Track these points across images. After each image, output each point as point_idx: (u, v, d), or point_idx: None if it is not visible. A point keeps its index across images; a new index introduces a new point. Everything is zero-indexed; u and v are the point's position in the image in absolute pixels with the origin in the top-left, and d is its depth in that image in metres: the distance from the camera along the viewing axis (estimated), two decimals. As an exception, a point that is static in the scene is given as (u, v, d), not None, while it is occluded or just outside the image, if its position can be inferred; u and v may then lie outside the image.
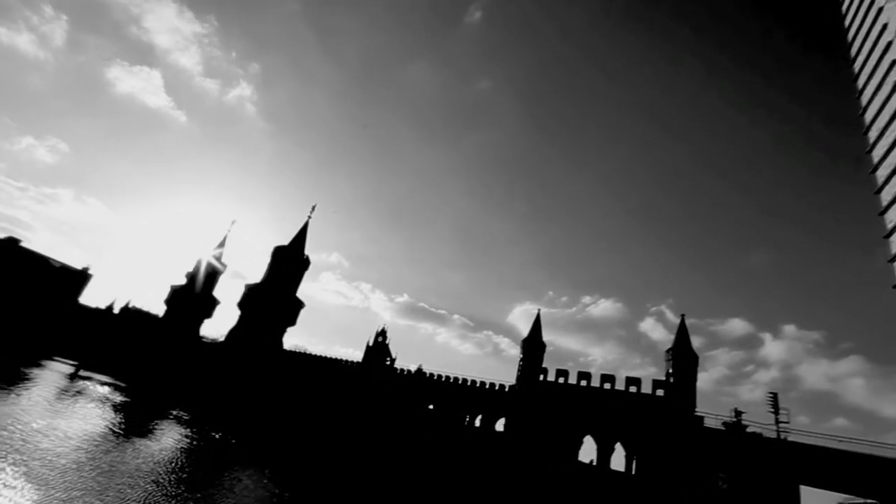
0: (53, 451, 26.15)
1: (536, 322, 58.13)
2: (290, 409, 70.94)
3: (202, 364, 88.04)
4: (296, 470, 40.15)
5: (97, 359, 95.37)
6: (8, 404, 34.94)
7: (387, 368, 67.55)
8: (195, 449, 38.11)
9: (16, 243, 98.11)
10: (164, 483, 25.71)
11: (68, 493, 20.20)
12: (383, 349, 70.31)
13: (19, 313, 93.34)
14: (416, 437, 56.40)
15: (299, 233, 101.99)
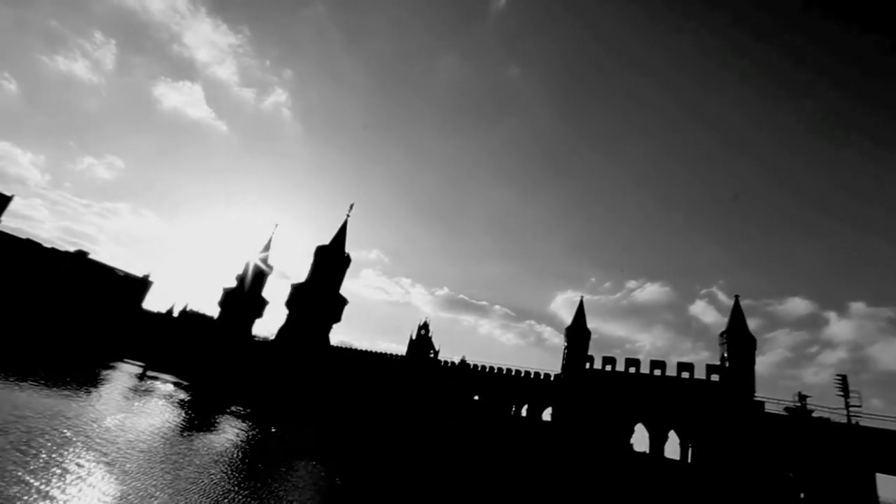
0: (129, 444, 28.24)
1: (580, 309, 56.96)
2: (339, 402, 73.16)
3: (255, 361, 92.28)
4: (347, 460, 41.45)
5: (161, 359, 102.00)
6: (87, 403, 37.96)
7: (430, 361, 68.29)
8: (253, 441, 40.07)
9: (84, 256, 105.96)
10: (227, 473, 27.24)
11: (145, 482, 21.78)
12: (426, 342, 71.06)
13: (90, 320, 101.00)
14: (463, 427, 56.82)
15: (339, 232, 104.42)
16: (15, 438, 23.49)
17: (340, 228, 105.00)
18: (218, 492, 23.32)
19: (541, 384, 55.28)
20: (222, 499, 22.28)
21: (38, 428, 26.57)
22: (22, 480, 18.41)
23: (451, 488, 38.63)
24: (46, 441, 24.49)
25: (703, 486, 38.21)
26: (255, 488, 25.70)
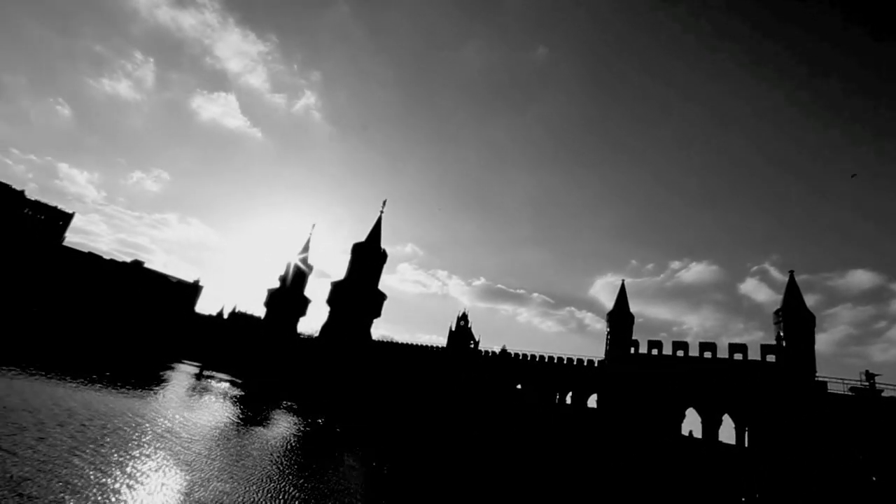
0: (192, 438, 29.98)
1: (621, 293, 55.48)
2: (382, 394, 74.74)
3: (301, 358, 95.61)
4: (393, 450, 42.35)
5: (215, 359, 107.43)
6: (150, 402, 40.53)
7: (471, 351, 68.49)
8: (303, 434, 41.62)
9: (140, 265, 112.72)
10: (280, 464, 28.50)
11: (206, 474, 23.10)
12: (466, 333, 71.31)
13: (148, 324, 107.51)
14: (506, 416, 56.81)
15: (374, 228, 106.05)
16: (91, 435, 25.39)
17: (375, 225, 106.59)
18: (273, 480, 24.44)
19: (584, 371, 54.37)
20: (277, 487, 23.33)
21: (111, 425, 28.60)
22: (97, 472, 19.89)
23: (497, 476, 38.76)
24: (118, 437, 26.34)
25: (763, 471, 36.57)
26: (307, 477, 26.76)
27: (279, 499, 21.63)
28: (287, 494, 22.57)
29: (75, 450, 22.25)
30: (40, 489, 16.77)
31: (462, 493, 30.94)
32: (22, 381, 36.00)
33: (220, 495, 20.45)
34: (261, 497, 21.35)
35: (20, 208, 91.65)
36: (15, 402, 28.86)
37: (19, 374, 38.33)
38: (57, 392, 34.82)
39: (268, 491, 22.47)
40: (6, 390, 31.52)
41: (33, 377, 38.65)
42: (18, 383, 34.73)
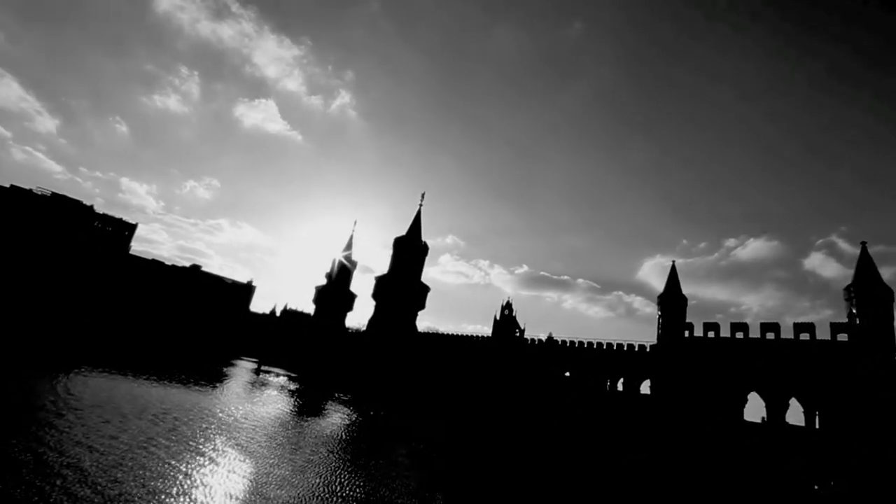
0: (254, 429, 31.68)
1: (672, 275, 53.19)
2: (429, 385, 75.79)
3: (351, 351, 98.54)
4: (441, 438, 42.93)
5: (270, 355, 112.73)
6: (215, 396, 43.10)
7: (517, 340, 68.08)
8: (355, 424, 42.97)
9: (198, 269, 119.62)
10: (336, 451, 29.61)
11: (268, 461, 24.36)
12: (511, 321, 70.91)
13: (207, 324, 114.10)
14: (555, 404, 56.16)
15: (414, 221, 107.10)
16: (164, 427, 27.37)
17: (415, 218, 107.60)
18: (330, 467, 25.43)
19: (636, 356, 52.72)
20: (333, 473, 24.27)
21: (182, 417, 30.69)
22: (170, 460, 21.42)
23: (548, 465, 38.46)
24: (188, 428, 28.23)
25: (837, 457, 34.20)
26: (360, 465, 27.64)
27: (334, 484, 22.46)
28: (342, 480, 23.41)
29: (151, 440, 24.05)
30: (126, 474, 18.27)
31: (512, 480, 30.94)
32: (102, 379, 39.22)
33: (281, 481, 21.51)
34: (318, 482, 22.26)
35: (91, 222, 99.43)
36: (98, 398, 31.51)
37: (99, 374, 41.78)
38: (132, 389, 37.70)
39: (323, 477, 23.40)
40: (89, 388, 34.45)
41: (111, 376, 42.01)
42: (99, 381, 37.87)
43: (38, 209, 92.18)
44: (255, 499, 18.68)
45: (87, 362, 46.84)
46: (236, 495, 18.78)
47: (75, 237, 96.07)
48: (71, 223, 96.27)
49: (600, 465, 41.58)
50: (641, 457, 42.99)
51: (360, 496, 21.54)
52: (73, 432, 22.77)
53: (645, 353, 51.90)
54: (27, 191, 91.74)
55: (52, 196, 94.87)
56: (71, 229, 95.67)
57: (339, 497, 20.76)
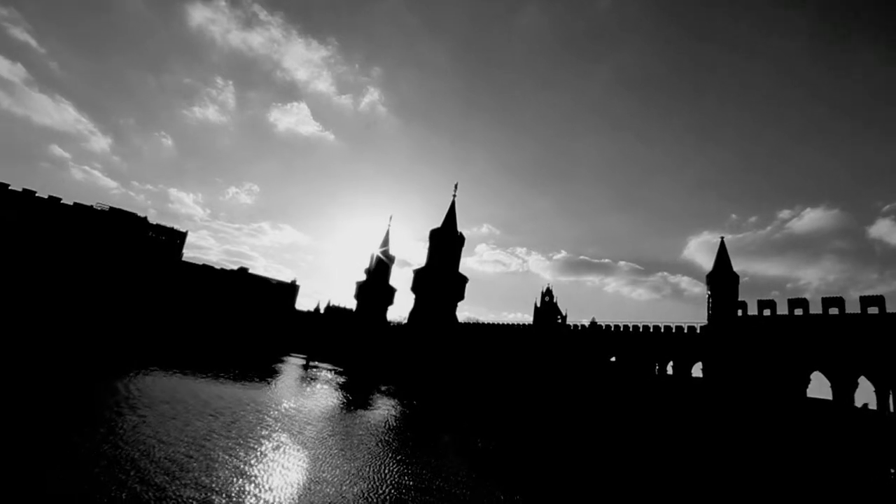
0: (305, 421, 32.95)
1: (721, 252, 50.74)
2: (472, 374, 76.10)
3: (393, 344, 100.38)
4: (484, 426, 43.07)
5: (317, 351, 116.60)
6: (267, 391, 45.08)
7: (559, 326, 67.13)
8: (402, 414, 43.83)
9: (245, 271, 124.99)
10: (384, 441, 30.38)
11: (320, 450, 25.31)
12: (552, 308, 69.95)
13: (256, 323, 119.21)
14: (601, 390, 55.08)
15: (448, 213, 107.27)
16: (223, 421, 28.90)
17: (449, 209, 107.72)
18: (377, 457, 26.14)
19: (685, 338, 50.81)
20: (382, 462, 24.91)
21: (239, 412, 32.31)
22: (231, 451, 22.60)
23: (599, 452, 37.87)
24: (245, 422, 29.70)
25: (916, 438, 31.75)
26: (408, 453, 28.22)
27: (384, 472, 23.04)
28: (391, 468, 23.98)
29: (213, 432, 25.47)
30: (193, 463, 19.46)
31: (560, 466, 30.67)
32: (165, 378, 41.82)
33: (333, 469, 22.29)
34: (369, 472, 22.89)
35: (146, 232, 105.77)
36: (164, 395, 33.64)
37: (163, 373, 44.56)
38: (193, 386, 40.01)
39: (373, 466, 24.05)
40: (155, 387, 36.83)
41: (174, 375, 44.73)
42: (163, 380, 40.42)
43: (98, 223, 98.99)
44: (311, 485, 19.45)
45: (152, 363, 50.05)
46: (292, 482, 19.63)
47: (133, 247, 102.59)
48: (128, 235, 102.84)
49: (652, 450, 40.51)
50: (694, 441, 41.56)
51: (409, 483, 21.99)
52: (144, 427, 24.43)
53: (695, 334, 49.96)
54: (88, 207, 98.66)
55: (110, 210, 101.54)
56: (129, 240, 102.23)
57: (389, 485, 21.27)
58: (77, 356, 47.85)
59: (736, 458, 38.02)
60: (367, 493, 19.76)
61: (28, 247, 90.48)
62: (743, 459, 37.67)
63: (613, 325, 59.45)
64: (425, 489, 21.51)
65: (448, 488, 22.05)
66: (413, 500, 19.75)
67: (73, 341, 60.19)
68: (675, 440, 43.41)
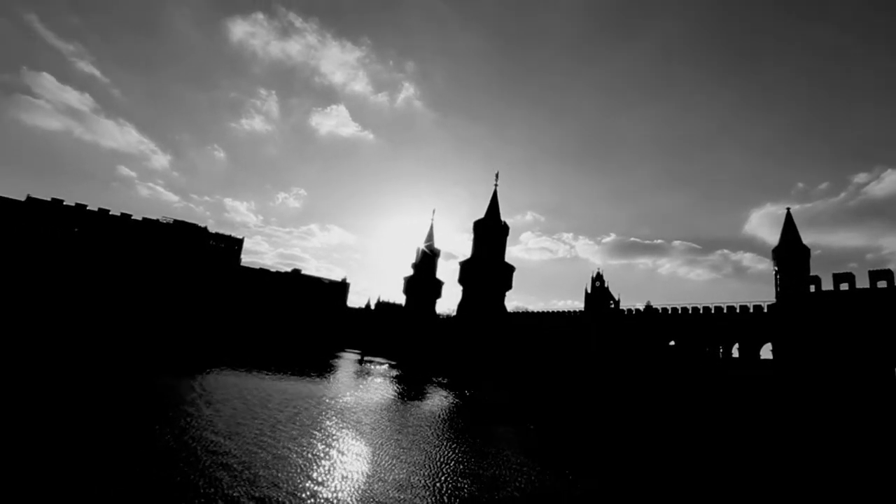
0: (363, 413, 33.94)
1: (788, 224, 47.07)
2: (523, 364, 75.34)
3: (443, 337, 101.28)
4: (539, 414, 42.50)
5: (370, 346, 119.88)
6: (326, 385, 46.83)
7: (611, 312, 65.02)
8: (454, 405, 44.15)
9: (298, 272, 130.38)
10: (438, 431, 30.76)
11: (377, 440, 25.99)
12: (603, 293, 67.82)
13: (311, 321, 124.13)
14: (660, 376, 52.84)
15: (491, 203, 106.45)
16: (287, 414, 30.33)
17: (491, 199, 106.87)
18: (432, 445, 26.52)
19: (752, 318, 47.68)
20: (436, 449, 25.24)
21: (301, 405, 33.79)
22: (295, 441, 23.64)
23: (660, 442, 36.42)
24: (307, 414, 31.01)
25: None
26: (461, 441, 28.37)
27: (440, 461, 23.29)
28: (446, 456, 24.21)
29: (278, 425, 26.79)
30: (260, 454, 20.57)
31: (619, 455, 29.76)
32: (230, 376, 44.44)
33: (390, 458, 22.81)
34: (424, 459, 23.24)
35: (207, 241, 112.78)
36: (229, 392, 35.76)
37: (227, 372, 47.38)
38: (256, 383, 42.26)
39: (429, 454, 24.38)
40: (221, 384, 39.22)
41: (237, 373, 47.45)
42: (228, 378, 42.97)
43: (165, 236, 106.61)
44: (369, 472, 20.00)
45: (220, 363, 53.36)
46: (353, 471, 20.27)
47: (196, 256, 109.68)
48: (192, 244, 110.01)
49: (720, 438, 38.42)
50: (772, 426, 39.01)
51: (464, 470, 22.12)
52: (214, 421, 26.08)
53: (762, 314, 46.80)
54: (155, 221, 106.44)
55: (174, 223, 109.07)
56: (192, 249, 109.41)
57: (444, 472, 21.48)
58: (154, 357, 51.83)
59: (817, 447, 35.32)
60: (423, 479, 20.06)
61: (106, 260, 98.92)
62: (825, 448, 34.93)
63: (671, 308, 56.80)
64: (479, 475, 21.56)
65: (502, 474, 21.99)
66: (468, 486, 19.83)
67: (148, 344, 65.21)
68: (746, 427, 40.93)
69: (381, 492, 18.15)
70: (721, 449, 34.13)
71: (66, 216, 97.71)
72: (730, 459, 30.76)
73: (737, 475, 26.65)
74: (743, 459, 30.56)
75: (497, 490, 19.80)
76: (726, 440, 37.34)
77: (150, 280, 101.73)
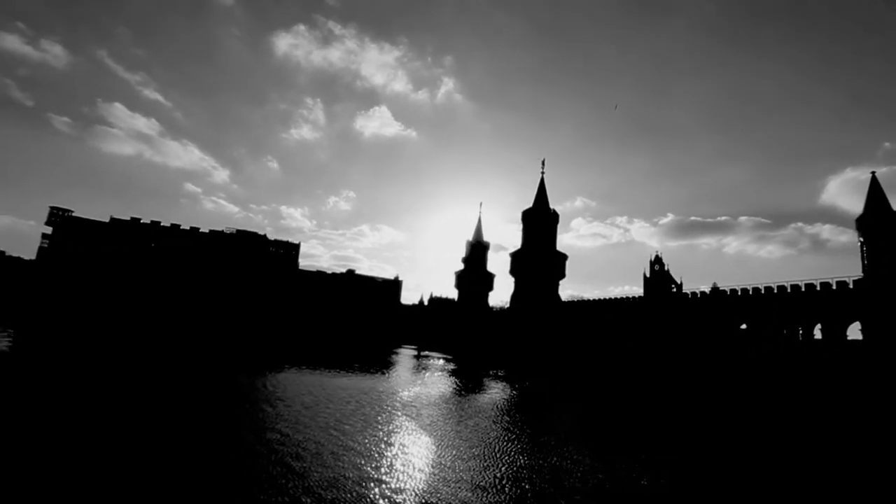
0: (423, 406, 34.59)
1: (874, 189, 42.56)
2: (580, 354, 73.38)
3: (497, 329, 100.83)
4: (600, 405, 41.24)
5: (425, 340, 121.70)
6: (386, 380, 48.12)
7: (674, 296, 61.85)
8: (512, 397, 43.87)
9: (353, 273, 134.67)
10: (497, 422, 30.75)
11: (439, 431, 26.35)
12: (664, 277, 64.68)
13: (367, 319, 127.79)
14: (733, 362, 49.57)
15: (539, 191, 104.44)
16: (349, 409, 31.47)
17: (539, 188, 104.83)
18: (491, 436, 26.53)
19: (835, 295, 43.58)
20: (496, 441, 25.21)
21: (363, 400, 34.94)
22: (357, 434, 24.47)
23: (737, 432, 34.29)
24: (370, 409, 32.02)
25: None
26: (519, 432, 28.17)
27: (499, 452, 23.24)
28: (505, 448, 24.11)
29: (342, 420, 27.84)
30: (328, 445, 21.50)
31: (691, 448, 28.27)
32: (295, 374, 46.69)
33: (451, 450, 23.03)
34: (483, 451, 23.29)
35: (267, 248, 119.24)
36: (296, 390, 37.60)
37: (292, 371, 49.84)
38: (320, 380, 44.14)
39: (488, 445, 24.43)
40: (287, 382, 41.31)
41: (301, 371, 49.79)
42: (293, 376, 45.17)
43: (230, 245, 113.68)
44: (430, 462, 20.32)
45: (282, 362, 56.24)
46: (416, 462, 20.68)
47: (258, 262, 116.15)
48: (254, 251, 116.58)
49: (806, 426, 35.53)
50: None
51: (524, 462, 21.93)
52: (283, 416, 27.54)
53: (847, 290, 42.68)
54: (220, 232, 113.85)
55: (237, 233, 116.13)
56: (254, 256, 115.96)
57: (504, 463, 21.42)
58: (225, 358, 55.52)
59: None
60: (483, 470, 20.10)
61: (180, 271, 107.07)
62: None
63: (740, 289, 53.11)
64: (540, 466, 21.30)
65: (563, 465, 21.61)
66: (528, 478, 19.64)
67: (220, 345, 69.85)
68: (837, 416, 37.56)
69: (442, 482, 18.39)
70: (813, 441, 31.58)
71: (144, 233, 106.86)
72: (824, 453, 28.40)
73: (832, 472, 24.58)
74: (838, 454, 28.12)
75: (559, 482, 19.47)
76: (816, 431, 34.49)
77: (220, 286, 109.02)
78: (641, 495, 18.78)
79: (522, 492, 18.05)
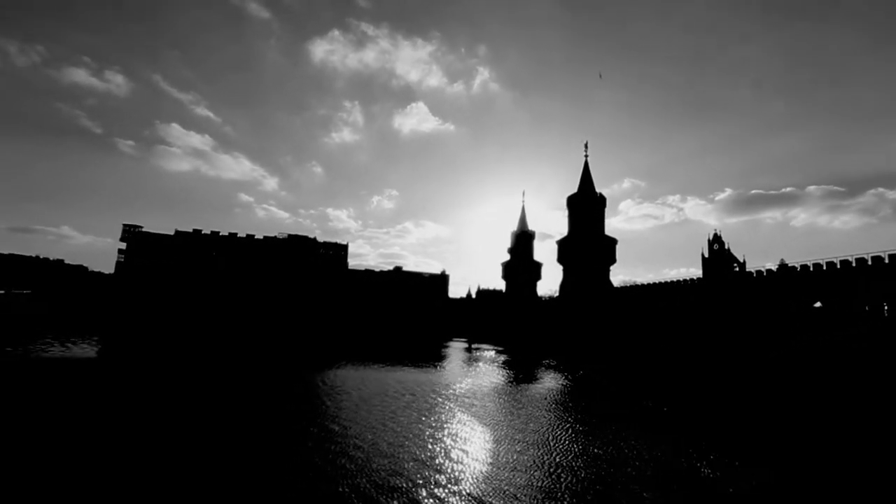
0: (477, 397, 34.81)
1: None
2: (635, 340, 70.67)
3: (548, 318, 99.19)
4: (655, 391, 39.59)
5: (475, 333, 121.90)
6: (439, 373, 48.75)
7: (736, 276, 58.15)
8: (565, 386, 43.14)
9: (400, 269, 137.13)
10: (551, 411, 30.41)
11: (493, 421, 26.40)
12: (724, 256, 60.88)
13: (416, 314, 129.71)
14: (806, 343, 45.95)
15: (583, 175, 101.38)
16: (406, 401, 32.20)
17: (583, 171, 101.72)
18: (546, 425, 26.27)
19: (924, 265, 39.27)
20: (550, 430, 24.93)
21: (418, 393, 35.63)
22: (413, 425, 24.96)
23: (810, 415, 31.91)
24: (425, 401, 32.62)
25: None
26: (573, 421, 27.61)
27: (553, 440, 22.92)
28: (559, 436, 23.74)
29: (397, 412, 28.52)
30: (382, 439, 22.13)
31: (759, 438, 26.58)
32: (351, 370, 48.26)
33: (506, 440, 23.01)
34: (535, 439, 23.09)
35: (317, 250, 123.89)
36: (352, 384, 38.90)
37: (348, 366, 51.52)
38: (376, 375, 45.40)
39: (542, 434, 24.21)
40: (344, 377, 42.77)
41: (356, 367, 51.39)
42: (349, 372, 46.72)
43: (282, 249, 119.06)
44: (485, 452, 20.40)
45: (338, 359, 58.28)
46: (471, 450, 20.83)
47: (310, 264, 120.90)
48: (305, 254, 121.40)
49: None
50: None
51: (578, 450, 21.54)
52: (342, 410, 28.61)
53: (941, 257, 38.33)
54: (273, 237, 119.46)
55: (289, 237, 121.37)
56: (306, 259, 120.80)
57: (558, 452, 21.13)
58: (287, 356, 58.30)
59: None
60: (538, 459, 19.94)
61: (240, 276, 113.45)
62: None
63: (812, 265, 49.04)
64: (595, 455, 20.82)
65: (618, 452, 21.01)
66: (583, 466, 19.25)
67: (281, 344, 73.38)
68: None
69: (498, 473, 18.41)
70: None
71: (205, 243, 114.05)
72: None
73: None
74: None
75: (615, 470, 18.95)
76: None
77: (276, 289, 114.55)
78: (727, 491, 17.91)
79: (578, 479, 17.74)
